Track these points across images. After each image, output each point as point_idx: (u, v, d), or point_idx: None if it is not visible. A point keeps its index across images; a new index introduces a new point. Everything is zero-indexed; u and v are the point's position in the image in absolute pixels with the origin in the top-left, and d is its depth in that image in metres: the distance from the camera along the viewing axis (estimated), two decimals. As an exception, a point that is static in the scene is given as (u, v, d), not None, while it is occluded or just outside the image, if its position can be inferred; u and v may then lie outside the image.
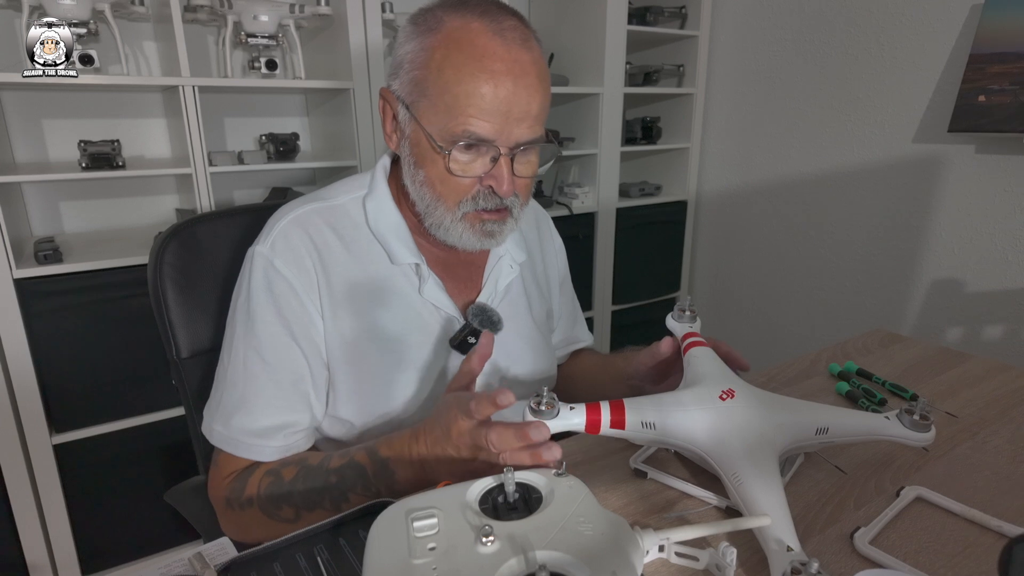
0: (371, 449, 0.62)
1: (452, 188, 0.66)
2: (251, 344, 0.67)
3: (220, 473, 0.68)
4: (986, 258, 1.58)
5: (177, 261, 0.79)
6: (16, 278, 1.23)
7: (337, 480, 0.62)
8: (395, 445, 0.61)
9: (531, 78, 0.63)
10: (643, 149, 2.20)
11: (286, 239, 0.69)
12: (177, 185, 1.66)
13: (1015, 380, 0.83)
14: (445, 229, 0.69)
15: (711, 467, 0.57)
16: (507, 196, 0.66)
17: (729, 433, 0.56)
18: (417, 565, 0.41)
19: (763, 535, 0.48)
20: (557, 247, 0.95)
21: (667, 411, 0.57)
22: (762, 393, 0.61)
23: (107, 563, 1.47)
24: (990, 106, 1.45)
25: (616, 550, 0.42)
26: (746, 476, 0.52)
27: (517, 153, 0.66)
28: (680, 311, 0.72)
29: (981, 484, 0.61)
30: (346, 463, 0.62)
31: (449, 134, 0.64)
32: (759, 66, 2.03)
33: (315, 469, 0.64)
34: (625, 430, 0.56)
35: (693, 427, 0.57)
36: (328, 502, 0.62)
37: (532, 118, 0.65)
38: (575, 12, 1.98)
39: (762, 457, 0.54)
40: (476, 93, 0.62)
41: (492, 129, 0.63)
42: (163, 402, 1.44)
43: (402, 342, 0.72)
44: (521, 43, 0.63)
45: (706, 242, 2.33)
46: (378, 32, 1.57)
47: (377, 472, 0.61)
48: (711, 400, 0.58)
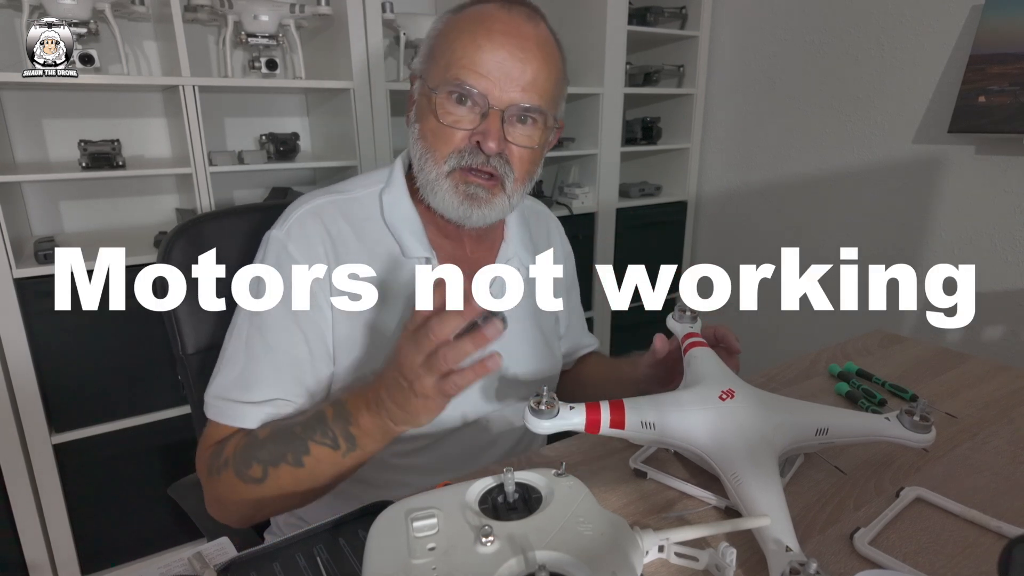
0: (335, 397, 0.62)
1: (441, 139, 0.67)
2: (255, 324, 0.68)
3: (204, 444, 0.67)
4: (986, 258, 1.58)
5: (184, 259, 0.80)
6: (16, 278, 1.24)
7: (301, 431, 0.61)
8: (355, 388, 0.60)
9: (530, 45, 0.66)
10: (643, 149, 2.20)
11: (302, 226, 0.70)
12: (177, 185, 1.66)
13: (1015, 381, 0.83)
14: (431, 187, 0.69)
15: (711, 467, 0.57)
16: (492, 152, 0.66)
17: (729, 433, 0.56)
18: (417, 565, 0.41)
19: (762, 535, 0.48)
20: (566, 254, 0.95)
21: (666, 411, 0.57)
22: (762, 393, 0.61)
23: (107, 563, 1.47)
24: (990, 107, 1.45)
25: (616, 550, 0.42)
26: (745, 476, 0.52)
27: (512, 119, 0.67)
28: (680, 311, 0.72)
29: (981, 485, 0.61)
30: (312, 414, 0.62)
31: (442, 82, 0.66)
32: (759, 66, 2.03)
33: (286, 426, 0.63)
34: (625, 430, 0.56)
35: (692, 427, 0.57)
36: (291, 456, 0.60)
37: (528, 83, 0.66)
38: (575, 12, 1.98)
39: (762, 457, 0.54)
40: (473, 45, 0.65)
41: (483, 82, 0.65)
42: (163, 402, 1.44)
43: None
44: (526, 17, 0.67)
45: (706, 242, 2.33)
46: (378, 32, 1.57)
47: (336, 415, 0.60)
48: (711, 400, 0.58)
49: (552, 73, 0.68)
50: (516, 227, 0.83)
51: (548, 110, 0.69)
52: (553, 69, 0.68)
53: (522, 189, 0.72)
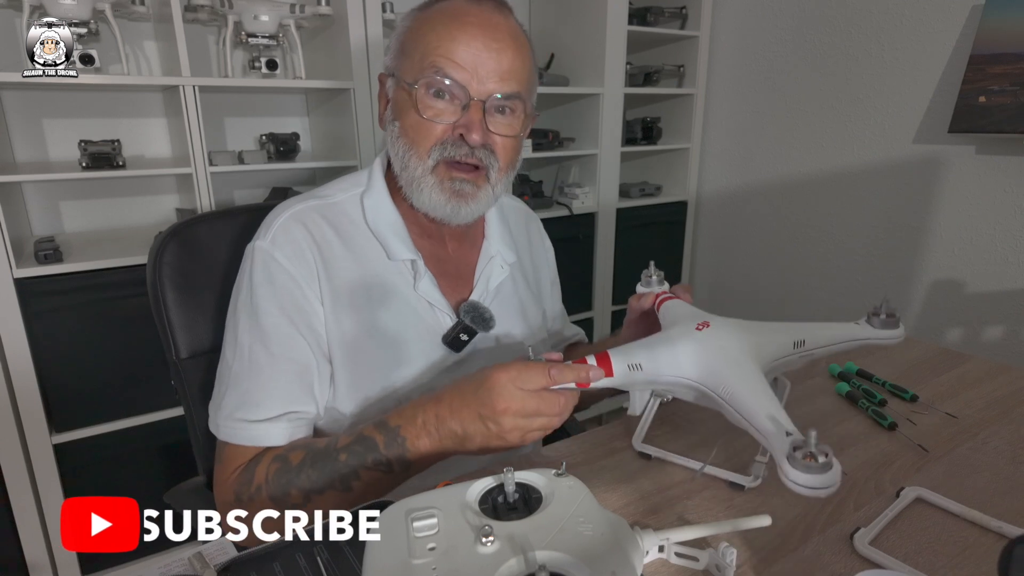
0: (379, 422, 0.62)
1: (423, 134, 0.67)
2: (256, 337, 0.67)
3: (226, 469, 0.66)
4: (986, 258, 1.58)
5: (176, 261, 0.79)
6: (16, 278, 1.23)
7: (347, 457, 0.61)
8: (405, 413, 0.61)
9: (503, 35, 0.67)
10: (643, 149, 2.20)
11: (287, 233, 0.70)
12: (177, 185, 1.66)
13: (1015, 381, 0.83)
14: (417, 184, 0.69)
15: (703, 398, 0.58)
16: (476, 144, 0.67)
17: (712, 357, 0.58)
18: (417, 565, 0.40)
19: (762, 430, 0.49)
20: (547, 249, 0.96)
21: (651, 350, 0.59)
22: (736, 320, 0.63)
23: (107, 563, 1.47)
24: (990, 107, 1.45)
25: (616, 550, 0.42)
26: (736, 389, 0.54)
27: (492, 109, 0.67)
28: (647, 277, 0.75)
29: (981, 485, 0.61)
30: (354, 439, 0.62)
31: (420, 74, 0.66)
32: (759, 66, 2.03)
33: (323, 451, 0.63)
34: (614, 377, 0.57)
35: (678, 359, 0.58)
36: (339, 482, 0.60)
37: (505, 72, 0.67)
38: (575, 12, 1.98)
39: (748, 371, 0.56)
40: (447, 37, 0.65)
41: (463, 75, 0.65)
42: (163, 402, 1.44)
43: (399, 338, 0.72)
44: (496, 9, 0.68)
45: (706, 242, 2.33)
46: (378, 32, 1.57)
47: (388, 442, 0.60)
48: (690, 333, 0.61)
49: (526, 62, 0.69)
50: (496, 224, 0.84)
51: (526, 97, 0.70)
52: (526, 58, 0.70)
53: (505, 179, 0.73)
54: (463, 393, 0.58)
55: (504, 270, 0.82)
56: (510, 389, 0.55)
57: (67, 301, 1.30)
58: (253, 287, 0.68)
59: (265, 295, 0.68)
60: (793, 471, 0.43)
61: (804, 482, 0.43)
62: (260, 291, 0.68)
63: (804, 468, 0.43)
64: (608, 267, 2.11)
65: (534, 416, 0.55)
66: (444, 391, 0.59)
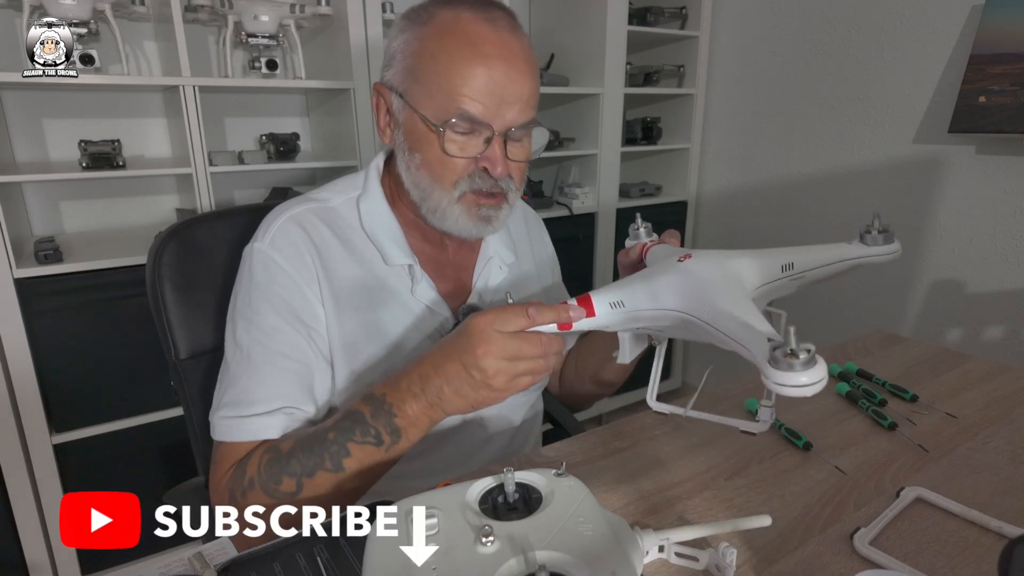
0: (366, 395, 0.62)
1: (448, 168, 0.67)
2: (255, 338, 0.67)
3: (220, 469, 0.66)
4: (986, 258, 1.58)
5: (175, 262, 0.78)
6: (16, 278, 1.23)
7: (335, 435, 0.60)
8: (390, 381, 0.60)
9: (521, 62, 0.66)
10: (643, 149, 2.20)
11: (286, 235, 0.70)
12: (177, 185, 1.66)
13: (1015, 381, 0.83)
14: (442, 213, 0.69)
15: (689, 329, 0.54)
16: (501, 177, 0.67)
17: (696, 286, 0.55)
18: (417, 565, 0.40)
19: (742, 341, 0.46)
20: (549, 254, 0.95)
21: (632, 286, 0.57)
22: (719, 251, 0.61)
23: (107, 563, 1.47)
24: (991, 107, 1.45)
25: (616, 550, 0.42)
26: (719, 309, 0.51)
27: (510, 136, 0.67)
28: (634, 229, 0.73)
29: (981, 485, 0.61)
30: (342, 416, 0.61)
31: (444, 114, 0.65)
32: (759, 66, 2.03)
33: (311, 434, 0.62)
34: (596, 317, 0.56)
35: (660, 292, 0.56)
36: (328, 461, 0.60)
37: (524, 101, 0.67)
38: (575, 12, 1.98)
39: (731, 291, 0.53)
40: (470, 75, 0.64)
41: (485, 111, 0.65)
42: (163, 402, 1.44)
43: (399, 340, 0.72)
44: (510, 30, 0.66)
45: (706, 242, 2.33)
46: (378, 32, 1.57)
47: (375, 411, 0.60)
48: (671, 265, 0.58)
49: (537, 83, 0.69)
50: None
51: (537, 117, 0.70)
52: (537, 78, 0.70)
53: (519, 194, 0.74)
54: (444, 348, 0.58)
55: (503, 271, 0.82)
56: (488, 332, 0.55)
57: (67, 301, 1.30)
58: (252, 289, 0.68)
59: (264, 297, 0.68)
60: (776, 372, 0.41)
61: (788, 381, 0.40)
62: (259, 293, 0.68)
63: (787, 367, 0.40)
64: (608, 267, 2.11)
65: (518, 359, 0.55)
66: (427, 352, 0.60)
